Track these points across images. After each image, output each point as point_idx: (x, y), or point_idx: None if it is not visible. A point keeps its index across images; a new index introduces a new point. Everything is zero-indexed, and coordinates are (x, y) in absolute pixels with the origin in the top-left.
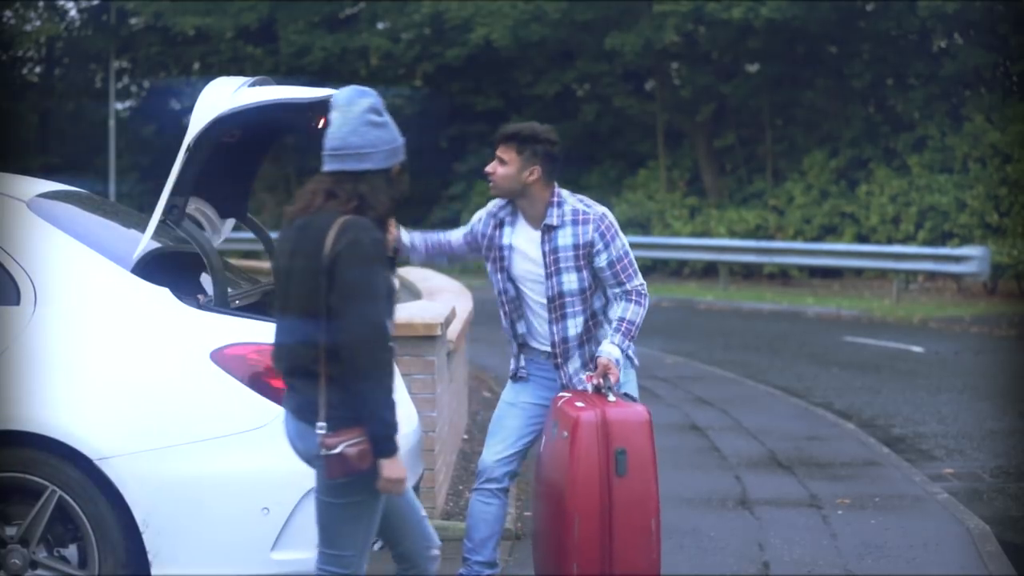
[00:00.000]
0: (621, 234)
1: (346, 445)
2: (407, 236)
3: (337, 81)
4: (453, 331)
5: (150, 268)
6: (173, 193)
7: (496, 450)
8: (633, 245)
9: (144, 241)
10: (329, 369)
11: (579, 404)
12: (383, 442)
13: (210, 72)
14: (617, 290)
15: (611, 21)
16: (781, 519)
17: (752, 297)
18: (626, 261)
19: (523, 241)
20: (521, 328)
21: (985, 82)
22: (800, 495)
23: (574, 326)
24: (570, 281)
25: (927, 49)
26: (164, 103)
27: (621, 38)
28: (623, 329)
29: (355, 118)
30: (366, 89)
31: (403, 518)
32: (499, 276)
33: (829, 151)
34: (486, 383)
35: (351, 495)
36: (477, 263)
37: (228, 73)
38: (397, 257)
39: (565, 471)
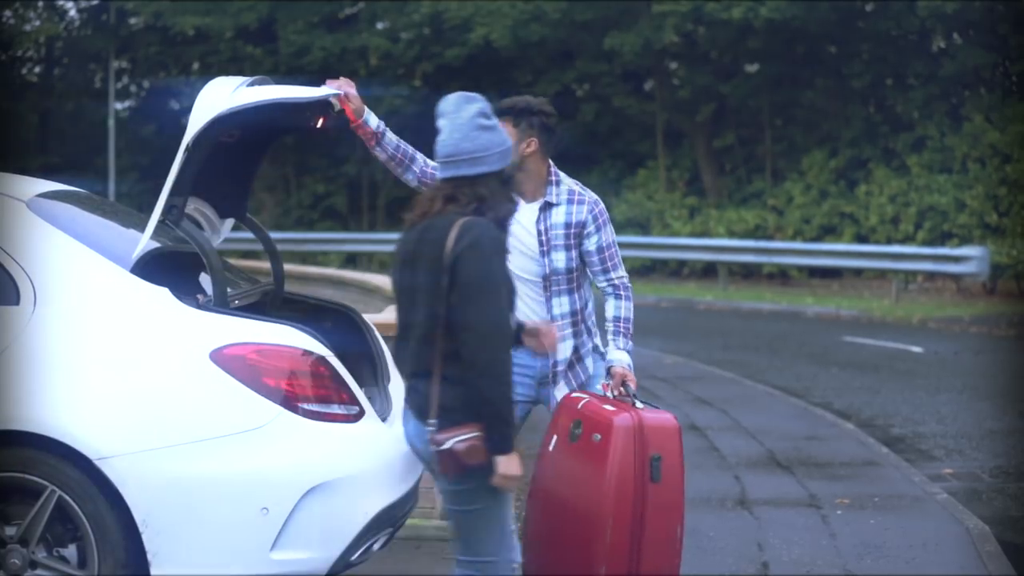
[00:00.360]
0: (611, 224)
1: (455, 441)
2: (376, 120)
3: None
4: None
5: (149, 268)
6: (172, 193)
7: None
8: (632, 245)
9: (143, 241)
10: (443, 367)
11: (609, 407)
12: (501, 439)
13: (210, 72)
14: (603, 280)
15: (610, 21)
16: (780, 519)
17: (751, 297)
18: (614, 250)
19: (520, 216)
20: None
21: (985, 82)
22: (799, 495)
23: (559, 305)
24: (558, 259)
25: (927, 49)
26: (164, 103)
27: (620, 38)
28: (623, 330)
29: (465, 124)
30: (472, 95)
31: None
32: None
33: (828, 151)
34: None
35: (474, 502)
36: None
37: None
38: (359, 133)
39: (597, 475)
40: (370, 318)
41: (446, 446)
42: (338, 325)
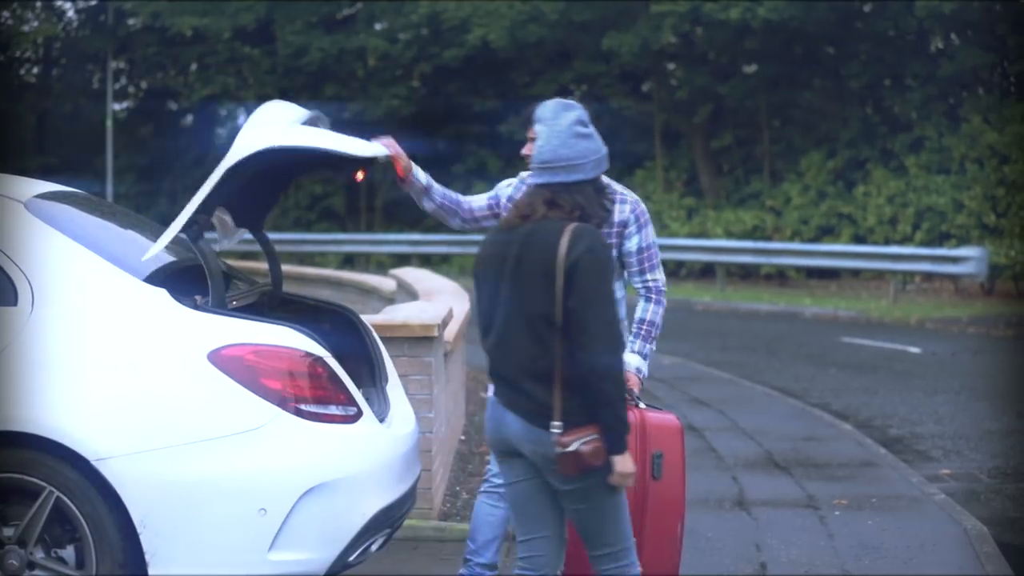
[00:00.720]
0: (652, 225)
1: (580, 443)
2: (424, 175)
3: (334, 82)
4: (450, 332)
5: (149, 269)
6: (199, 210)
7: None
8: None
9: (156, 250)
10: (564, 370)
11: None
12: (619, 439)
13: (207, 73)
14: (639, 282)
15: (608, 22)
16: (778, 520)
17: (749, 298)
18: (653, 251)
19: None
20: None
21: (983, 83)
22: (797, 496)
23: None
24: None
25: (925, 50)
26: (161, 104)
27: (618, 39)
28: (643, 333)
29: (563, 131)
30: (570, 102)
31: (546, 520)
32: None
33: (826, 152)
34: (483, 384)
35: (594, 499)
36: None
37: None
38: (405, 187)
39: None
40: (368, 319)
41: (572, 448)
42: (336, 326)
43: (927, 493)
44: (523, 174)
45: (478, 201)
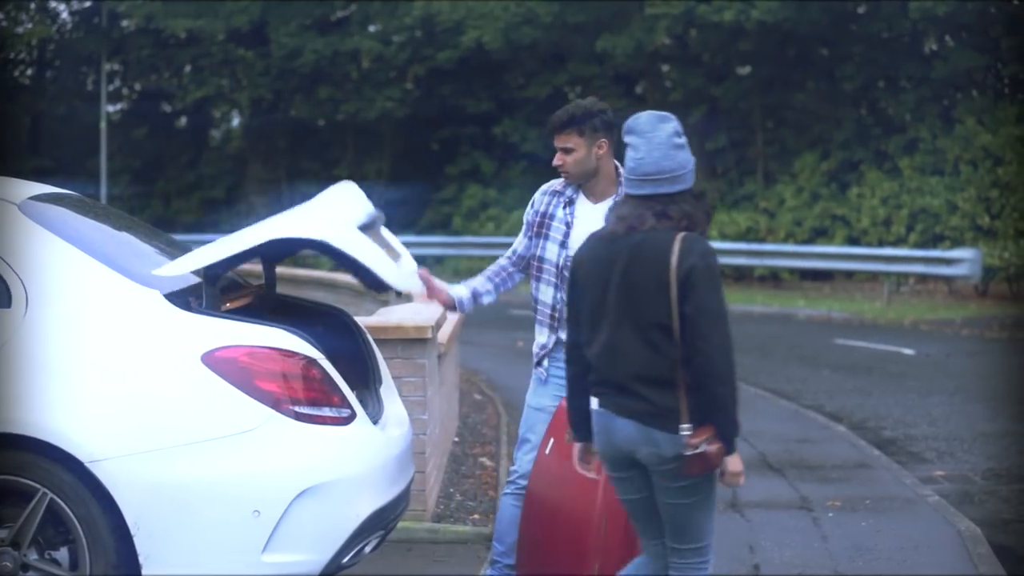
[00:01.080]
0: None
1: (706, 444)
2: (465, 289)
3: (328, 84)
4: (444, 334)
5: (144, 272)
6: (226, 264)
7: (534, 455)
8: None
9: (173, 271)
10: (685, 375)
11: None
12: (733, 440)
13: (201, 74)
14: None
15: (602, 23)
16: (772, 521)
17: (743, 299)
18: None
19: (585, 217)
20: (560, 307)
21: (976, 84)
22: (791, 497)
23: None
24: None
25: (918, 51)
26: (155, 106)
27: (612, 40)
28: None
29: (663, 143)
30: (665, 114)
31: (660, 527)
32: (560, 250)
33: (820, 153)
34: (477, 386)
35: (699, 493)
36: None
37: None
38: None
39: (592, 473)
40: (362, 320)
41: (700, 449)
42: (330, 328)
43: (921, 495)
44: (546, 187)
45: (520, 246)
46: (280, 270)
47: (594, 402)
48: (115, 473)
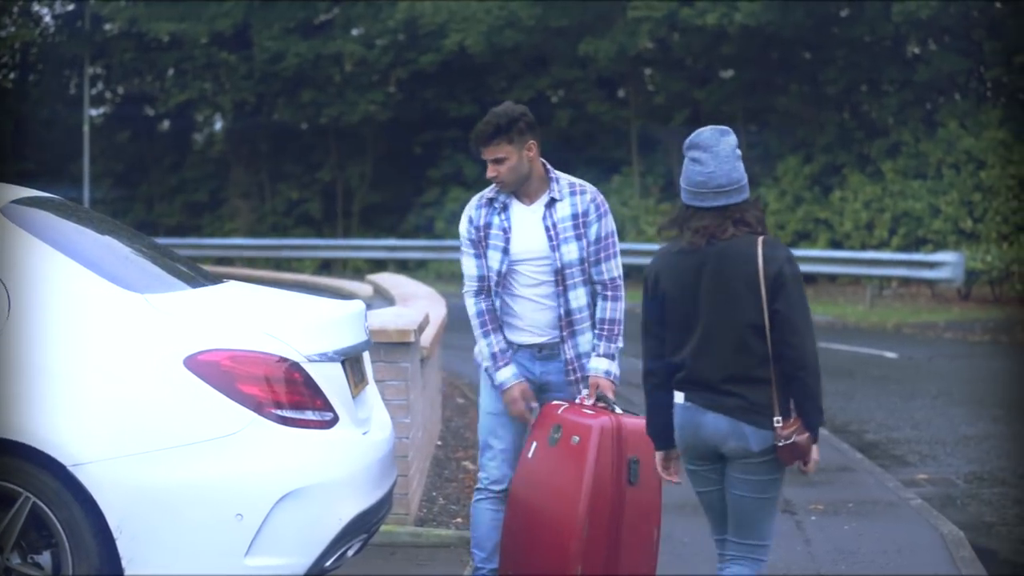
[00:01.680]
0: (612, 217)
1: (796, 435)
2: (517, 376)
3: (311, 87)
4: (427, 337)
5: (127, 274)
6: None
7: (500, 459)
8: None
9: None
10: (775, 370)
11: (588, 412)
12: (818, 431)
13: (184, 78)
14: (596, 274)
15: (585, 27)
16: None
17: None
18: (612, 240)
19: (521, 219)
20: (506, 315)
21: (959, 88)
22: None
23: (576, 298)
24: (570, 252)
25: (901, 55)
26: (138, 109)
27: (595, 44)
28: (606, 333)
29: (729, 155)
30: (724, 127)
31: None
32: (503, 257)
33: (803, 157)
34: (459, 389)
35: (771, 491)
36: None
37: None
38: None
39: (575, 476)
40: None
41: (793, 440)
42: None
43: (903, 498)
44: (476, 199)
45: (482, 269)
46: (262, 274)
47: (679, 397)
48: (98, 477)
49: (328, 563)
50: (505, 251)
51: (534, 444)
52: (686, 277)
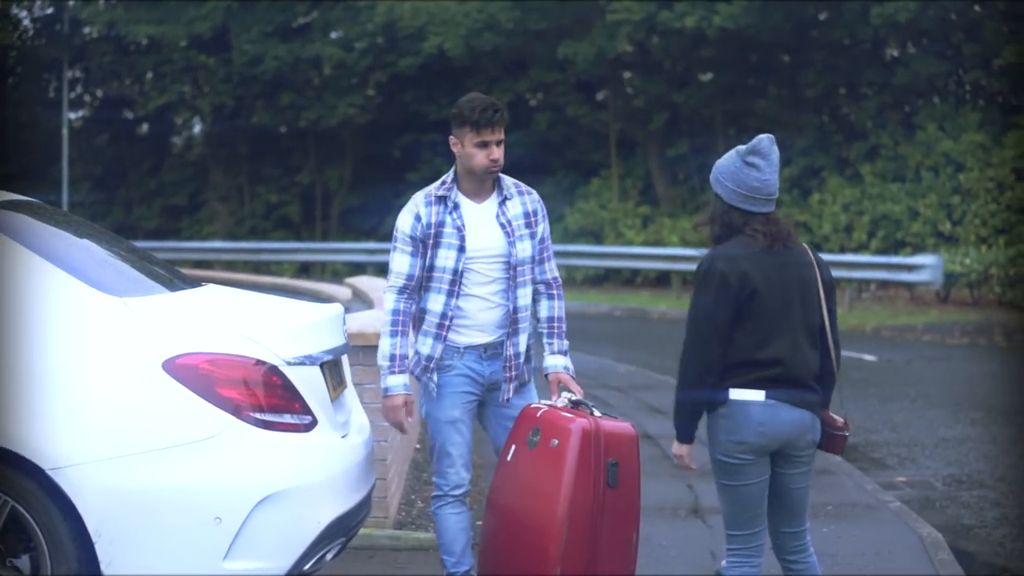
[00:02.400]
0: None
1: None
2: (406, 386)
3: (290, 90)
4: None
5: (104, 278)
6: None
7: (458, 464)
8: (586, 254)
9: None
10: (835, 368)
11: (567, 415)
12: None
13: (163, 81)
14: (540, 274)
15: (564, 30)
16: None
17: None
18: (550, 241)
19: (475, 217)
20: (455, 316)
21: (938, 91)
22: None
23: (523, 296)
24: (524, 249)
25: (880, 58)
26: (117, 112)
27: (574, 47)
28: (557, 331)
29: (777, 165)
30: (773, 137)
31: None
32: (458, 255)
33: (782, 160)
34: None
35: (811, 476)
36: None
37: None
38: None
39: (554, 479)
40: None
41: (848, 431)
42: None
43: (882, 500)
44: (418, 197)
45: (414, 269)
46: (241, 277)
47: (757, 395)
48: (76, 480)
49: (307, 566)
50: (461, 248)
51: (513, 447)
52: (774, 277)
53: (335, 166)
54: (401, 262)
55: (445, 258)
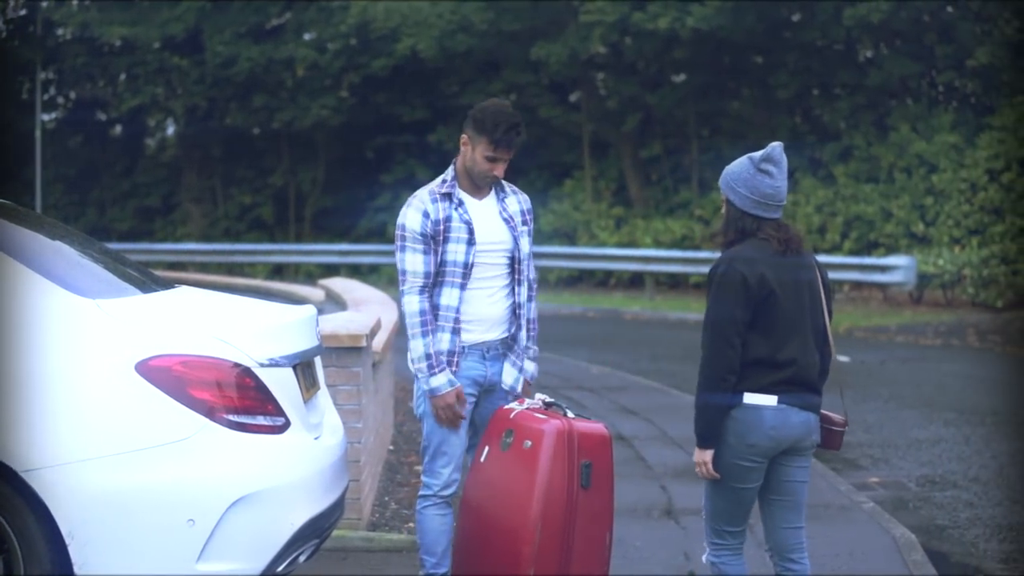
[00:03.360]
0: None
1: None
2: (452, 381)
3: (263, 92)
4: (378, 342)
5: (77, 280)
6: None
7: (452, 466)
8: (559, 255)
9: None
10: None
11: (540, 416)
12: None
13: (136, 83)
14: (527, 268)
15: (537, 31)
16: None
17: (678, 307)
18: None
19: (479, 212)
20: (465, 312)
21: (911, 92)
22: None
23: (521, 293)
24: (524, 245)
25: (853, 59)
26: (91, 114)
27: (547, 48)
28: (533, 334)
29: (786, 172)
30: (782, 144)
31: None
32: (468, 248)
33: None
34: (411, 394)
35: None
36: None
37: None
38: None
39: (527, 480)
40: None
41: (846, 428)
42: None
43: (856, 501)
44: (424, 193)
45: (430, 266)
46: (214, 279)
47: (769, 399)
48: (49, 482)
49: (280, 568)
50: (471, 242)
51: (487, 448)
52: (788, 280)
53: (308, 167)
54: (415, 261)
55: (455, 252)
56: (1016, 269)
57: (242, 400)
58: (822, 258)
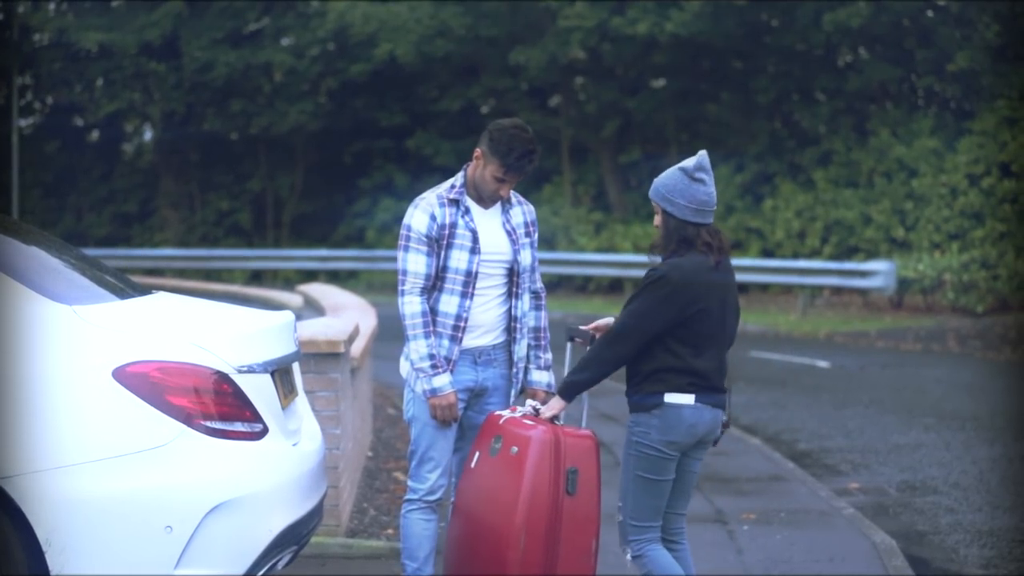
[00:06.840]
0: None
1: None
2: (449, 384)
3: (241, 97)
4: (357, 348)
5: (53, 286)
6: None
7: (440, 471)
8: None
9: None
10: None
11: (528, 423)
12: None
13: (113, 88)
14: (532, 281)
15: (516, 36)
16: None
17: None
18: (536, 252)
19: (484, 222)
20: (467, 316)
21: (891, 96)
22: (705, 511)
23: (522, 304)
24: (526, 257)
25: (832, 64)
26: (68, 119)
27: (526, 53)
28: (543, 343)
29: (713, 178)
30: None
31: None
32: (471, 256)
33: (734, 166)
34: (390, 400)
35: None
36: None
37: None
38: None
39: (513, 486)
40: None
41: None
42: None
43: (836, 507)
44: (431, 197)
45: (430, 268)
46: (192, 285)
47: (687, 398)
48: (26, 489)
49: (258, 574)
50: (474, 251)
51: (477, 454)
52: (716, 295)
53: (286, 173)
54: (417, 262)
55: (458, 259)
56: (996, 274)
57: (220, 406)
58: (802, 263)
